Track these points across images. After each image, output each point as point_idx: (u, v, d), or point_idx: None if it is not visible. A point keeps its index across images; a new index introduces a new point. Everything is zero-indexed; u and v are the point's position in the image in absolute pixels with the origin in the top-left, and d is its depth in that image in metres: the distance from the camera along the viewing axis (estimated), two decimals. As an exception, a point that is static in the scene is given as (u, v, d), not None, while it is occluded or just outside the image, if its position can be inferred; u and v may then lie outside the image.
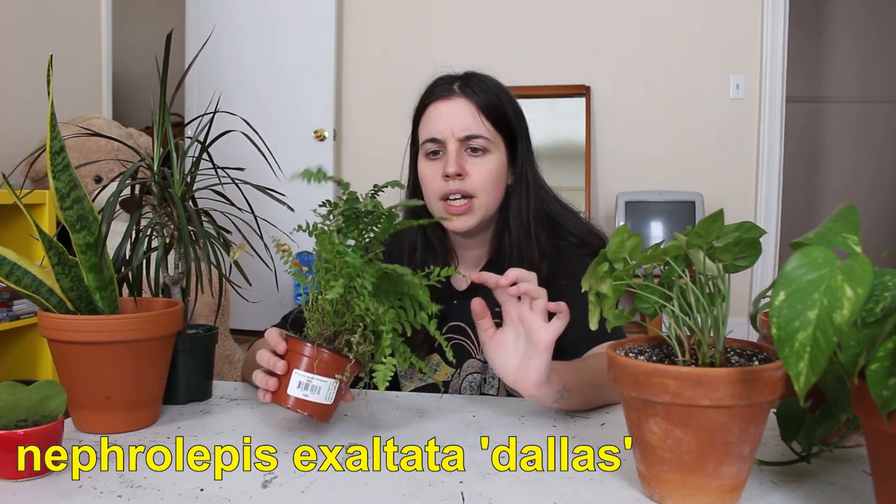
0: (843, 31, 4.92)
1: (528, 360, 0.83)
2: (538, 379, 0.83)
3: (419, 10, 4.00)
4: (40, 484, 0.70)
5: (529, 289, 0.82)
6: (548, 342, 0.81)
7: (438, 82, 1.15)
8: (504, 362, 0.86)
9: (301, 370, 0.80)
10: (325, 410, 0.81)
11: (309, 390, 0.80)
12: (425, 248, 1.20)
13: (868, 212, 4.70)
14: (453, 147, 1.10)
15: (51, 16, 3.23)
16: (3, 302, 2.43)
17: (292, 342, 0.81)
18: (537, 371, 0.82)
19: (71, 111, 3.08)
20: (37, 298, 0.86)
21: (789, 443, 0.72)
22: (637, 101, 3.78)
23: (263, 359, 0.82)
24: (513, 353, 0.85)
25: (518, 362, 0.85)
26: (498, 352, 0.86)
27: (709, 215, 0.63)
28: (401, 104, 1.35)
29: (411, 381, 1.20)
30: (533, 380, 0.83)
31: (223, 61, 3.91)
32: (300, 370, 0.80)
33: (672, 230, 1.74)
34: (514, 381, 0.85)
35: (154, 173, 0.98)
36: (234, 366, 2.78)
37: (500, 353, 0.86)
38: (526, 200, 1.15)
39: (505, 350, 0.86)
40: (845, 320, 0.49)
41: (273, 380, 0.80)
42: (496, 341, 0.86)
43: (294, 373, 0.80)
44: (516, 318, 0.85)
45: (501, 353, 0.86)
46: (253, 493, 0.69)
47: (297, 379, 0.80)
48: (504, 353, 0.86)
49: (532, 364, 0.83)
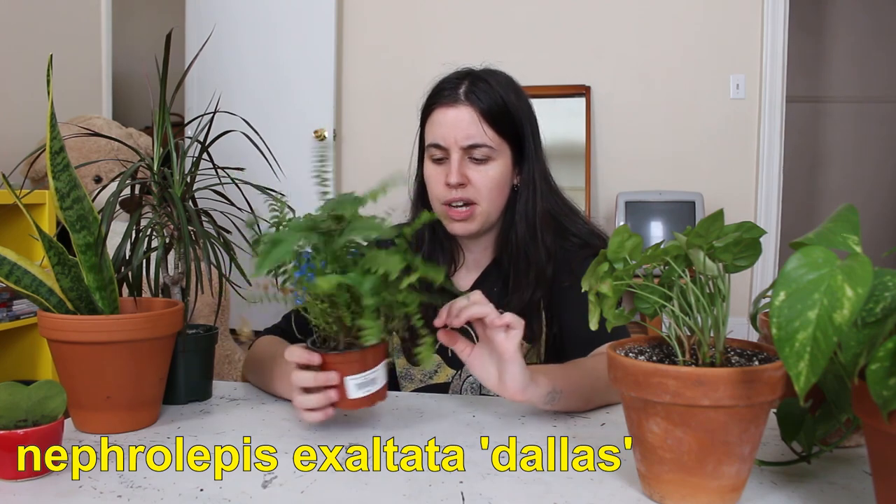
0: (843, 31, 4.92)
1: (503, 370, 0.86)
2: (518, 385, 0.85)
3: (419, 10, 4.00)
4: (40, 484, 0.71)
5: (473, 312, 0.85)
6: (511, 351, 0.84)
7: (445, 84, 1.15)
8: (485, 376, 0.88)
9: (354, 375, 0.83)
10: (384, 390, 0.87)
11: (370, 385, 0.84)
12: (433, 242, 1.21)
13: (868, 212, 4.70)
14: (456, 156, 1.11)
15: (51, 16, 3.23)
16: (3, 302, 2.43)
17: (328, 357, 0.83)
18: (514, 378, 0.85)
19: (71, 111, 3.08)
20: (37, 298, 0.86)
21: (789, 443, 0.72)
22: (637, 101, 3.78)
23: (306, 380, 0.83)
24: (491, 366, 0.88)
25: (497, 373, 0.87)
26: (479, 368, 0.89)
27: (709, 215, 0.63)
28: (401, 104, 1.35)
29: (411, 381, 1.20)
30: (514, 386, 0.85)
31: (223, 61, 3.91)
32: (353, 375, 0.83)
33: (672, 230, 1.74)
34: (500, 391, 0.87)
35: (154, 173, 0.98)
36: (234, 366, 2.78)
37: (481, 369, 0.89)
38: (532, 202, 1.15)
39: (484, 364, 0.88)
40: (845, 320, 0.49)
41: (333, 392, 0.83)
42: (475, 358, 0.89)
43: (347, 379, 0.83)
44: (483, 335, 0.88)
45: (482, 368, 0.89)
46: (253, 493, 0.69)
47: (354, 382, 0.83)
48: (484, 367, 0.88)
49: (508, 373, 0.85)
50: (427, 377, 1.19)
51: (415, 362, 1.20)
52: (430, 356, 0.78)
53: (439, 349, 1.19)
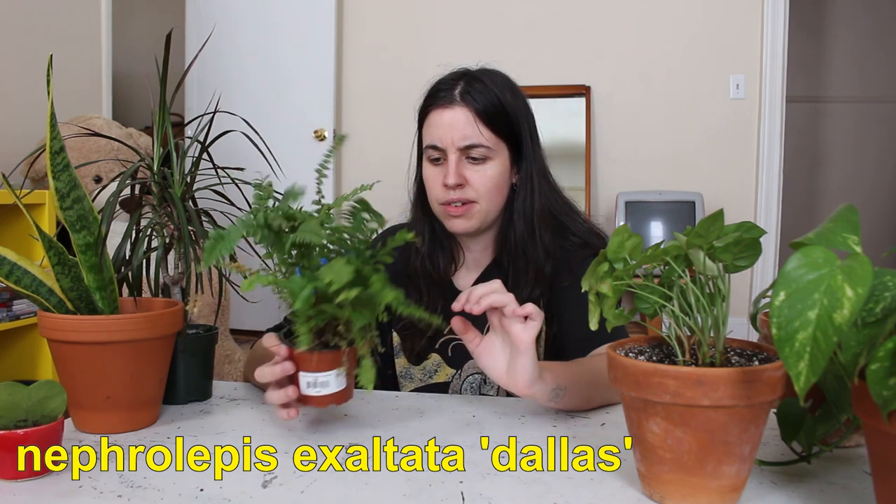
0: (843, 31, 4.92)
1: (514, 362, 0.85)
2: (528, 378, 0.84)
3: (419, 10, 4.00)
4: (40, 484, 0.70)
5: (493, 300, 0.84)
6: (527, 343, 0.83)
7: (441, 85, 1.15)
8: (494, 366, 0.87)
9: (305, 372, 0.82)
10: (342, 395, 0.84)
11: (319, 387, 0.82)
12: (433, 241, 1.21)
13: (868, 212, 4.70)
14: (453, 157, 1.11)
15: (51, 16, 3.23)
16: (3, 302, 2.43)
17: (289, 349, 0.83)
18: (525, 370, 0.84)
19: (71, 111, 3.08)
20: (37, 298, 0.86)
21: (789, 443, 0.72)
22: (637, 101, 3.78)
23: (267, 374, 0.83)
24: (501, 357, 0.87)
25: (507, 365, 0.86)
26: (487, 358, 0.88)
27: (709, 215, 0.63)
28: (401, 104, 1.35)
29: (411, 381, 1.20)
30: (523, 379, 0.84)
31: (223, 61, 3.91)
32: (304, 372, 0.82)
33: (672, 230, 1.74)
34: (507, 384, 0.86)
35: (154, 173, 0.98)
36: (234, 366, 2.78)
37: (489, 359, 0.88)
38: (531, 200, 1.16)
39: (493, 355, 0.87)
40: (845, 320, 0.49)
41: (291, 389, 0.82)
42: (484, 349, 0.88)
43: (300, 374, 0.82)
44: (498, 325, 0.87)
45: (490, 358, 0.88)
46: (253, 493, 0.69)
47: (304, 380, 0.82)
48: (493, 358, 0.87)
49: (519, 365, 0.84)
50: (427, 376, 1.19)
51: (415, 362, 1.20)
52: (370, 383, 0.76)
53: (438, 348, 1.19)
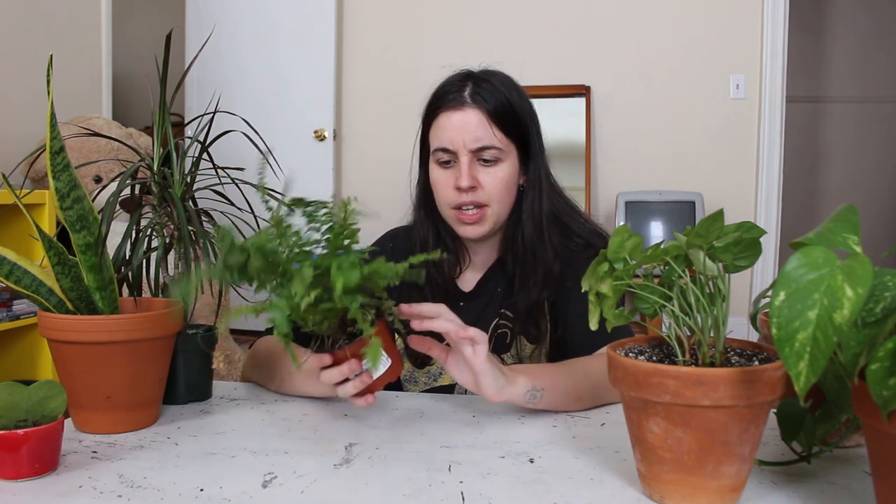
0: (843, 31, 4.92)
1: (476, 378, 0.87)
2: (493, 390, 0.87)
3: (419, 10, 4.00)
4: (40, 484, 0.71)
5: (434, 327, 0.85)
6: (479, 365, 0.85)
7: (449, 87, 1.14)
8: (463, 378, 0.90)
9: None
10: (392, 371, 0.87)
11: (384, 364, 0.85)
12: (438, 244, 1.20)
13: (868, 212, 4.70)
14: (465, 159, 1.10)
15: (51, 16, 3.23)
16: (3, 302, 2.43)
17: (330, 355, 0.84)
18: (488, 385, 0.87)
19: (71, 111, 3.08)
20: (37, 298, 0.86)
21: (789, 443, 0.72)
22: (637, 101, 3.78)
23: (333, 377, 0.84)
24: (467, 372, 0.89)
25: (472, 378, 0.88)
26: (455, 371, 0.90)
27: (709, 215, 0.63)
28: (401, 104, 1.35)
29: (415, 385, 1.20)
30: (489, 392, 0.87)
31: (223, 61, 3.91)
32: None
33: (672, 230, 1.74)
34: (478, 394, 0.89)
35: (154, 173, 0.98)
36: (234, 366, 2.78)
37: (457, 372, 0.90)
38: (539, 202, 1.15)
39: (461, 368, 0.89)
40: (845, 320, 0.49)
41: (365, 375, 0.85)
42: (451, 364, 0.90)
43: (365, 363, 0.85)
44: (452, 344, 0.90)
45: (458, 371, 0.90)
46: (253, 493, 0.69)
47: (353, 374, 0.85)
48: (460, 372, 0.89)
49: (480, 381, 0.87)
50: (431, 380, 1.19)
51: (418, 366, 1.20)
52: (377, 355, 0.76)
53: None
